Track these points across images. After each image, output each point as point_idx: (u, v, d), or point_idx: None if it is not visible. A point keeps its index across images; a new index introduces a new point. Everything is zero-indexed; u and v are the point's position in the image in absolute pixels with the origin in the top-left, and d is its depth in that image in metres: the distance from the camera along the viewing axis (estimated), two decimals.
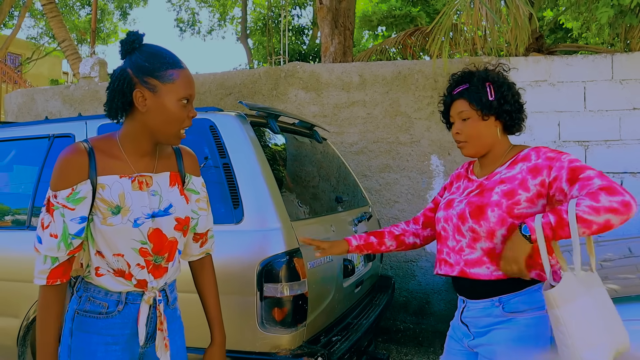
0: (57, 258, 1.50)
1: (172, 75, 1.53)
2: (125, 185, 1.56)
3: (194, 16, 21.69)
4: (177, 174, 1.70)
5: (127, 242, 1.56)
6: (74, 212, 1.50)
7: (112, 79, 1.56)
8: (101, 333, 1.58)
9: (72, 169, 1.50)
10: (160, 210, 1.61)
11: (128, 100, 1.53)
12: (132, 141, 1.59)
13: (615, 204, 1.51)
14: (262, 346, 2.39)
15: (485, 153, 1.86)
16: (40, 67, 22.56)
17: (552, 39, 11.59)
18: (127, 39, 1.56)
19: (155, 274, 1.63)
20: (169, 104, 1.52)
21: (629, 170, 4.50)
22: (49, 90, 6.19)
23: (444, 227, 1.88)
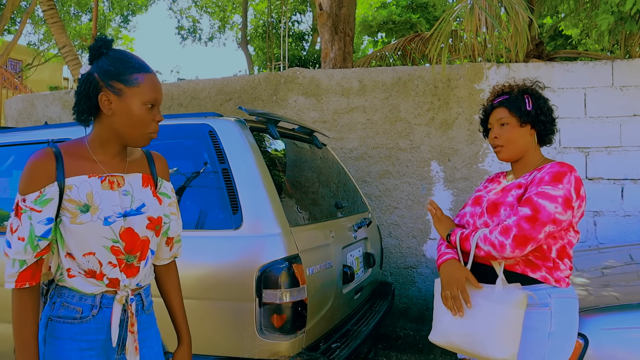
0: (24, 261, 1.51)
1: (137, 79, 1.55)
2: (93, 185, 1.58)
3: (195, 24, 21.76)
4: (149, 176, 1.73)
5: (98, 240, 1.57)
6: (40, 214, 1.51)
7: (79, 83, 1.59)
8: (75, 339, 1.58)
9: (39, 173, 1.52)
10: (132, 209, 1.62)
11: (94, 104, 1.56)
12: (101, 144, 1.62)
13: (496, 242, 1.81)
14: (260, 353, 2.38)
15: (518, 159, 2.03)
16: (41, 73, 22.60)
17: (551, 46, 11.61)
18: (94, 45, 1.59)
19: (128, 273, 1.63)
20: (134, 107, 1.55)
21: (629, 177, 4.50)
22: (49, 96, 6.19)
23: (468, 221, 2.06)
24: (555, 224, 1.80)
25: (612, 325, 2.08)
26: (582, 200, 1.87)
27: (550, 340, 1.83)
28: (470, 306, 1.87)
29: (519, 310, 1.79)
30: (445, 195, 4.85)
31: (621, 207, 4.51)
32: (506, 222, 1.83)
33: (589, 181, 4.58)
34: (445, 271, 1.97)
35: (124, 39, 23.17)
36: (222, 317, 2.40)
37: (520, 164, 2.04)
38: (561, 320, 1.86)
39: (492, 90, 2.12)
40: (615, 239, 4.51)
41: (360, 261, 3.36)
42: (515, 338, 1.79)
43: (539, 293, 1.87)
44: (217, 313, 2.41)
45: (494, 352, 1.80)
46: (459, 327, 1.90)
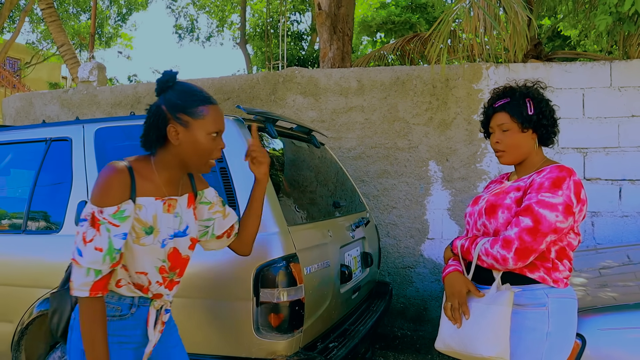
0: (100, 271, 1.58)
1: (203, 111, 1.66)
2: (157, 207, 1.68)
3: (193, 23, 21.74)
4: (192, 194, 1.85)
5: (152, 262, 1.70)
6: (118, 229, 1.59)
7: (148, 114, 1.70)
8: (115, 334, 1.68)
9: (117, 188, 1.61)
10: (179, 231, 1.75)
11: (162, 134, 1.66)
12: (165, 168, 1.72)
13: (498, 256, 1.83)
14: (258, 352, 2.37)
15: (520, 162, 2.02)
16: (40, 72, 22.57)
17: (550, 47, 11.63)
18: (162, 79, 1.70)
19: (170, 287, 1.79)
20: (200, 137, 1.66)
21: (627, 178, 4.50)
22: (47, 95, 6.18)
23: (468, 222, 2.09)
24: (556, 232, 1.81)
25: (610, 326, 2.08)
26: (583, 204, 1.87)
27: (548, 340, 1.83)
28: (469, 317, 1.90)
29: (505, 307, 1.81)
30: (443, 195, 4.85)
31: (619, 207, 4.52)
32: (507, 235, 1.83)
33: (587, 182, 4.58)
34: (449, 284, 1.99)
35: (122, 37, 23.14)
36: (219, 316, 2.40)
37: (523, 166, 2.03)
38: (559, 321, 1.86)
39: (492, 92, 2.10)
40: (613, 239, 4.51)
41: (358, 261, 3.35)
42: (502, 336, 1.80)
43: (536, 293, 1.87)
44: (214, 312, 2.40)
45: (480, 350, 1.82)
46: (454, 330, 1.94)
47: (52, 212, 2.94)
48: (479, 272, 1.96)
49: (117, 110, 5.73)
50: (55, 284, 2.68)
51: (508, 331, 1.81)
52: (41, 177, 3.01)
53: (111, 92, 5.81)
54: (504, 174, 2.20)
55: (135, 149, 2.87)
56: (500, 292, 1.86)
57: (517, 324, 1.84)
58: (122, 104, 5.73)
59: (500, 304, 1.82)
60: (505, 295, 1.83)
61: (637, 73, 4.51)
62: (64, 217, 2.82)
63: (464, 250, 1.99)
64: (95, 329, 1.60)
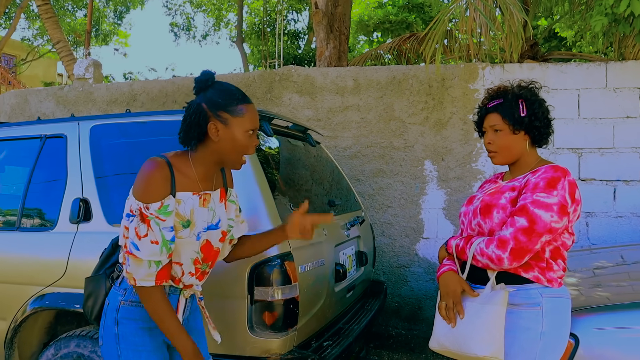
0: (160, 261, 1.69)
1: (242, 110, 1.76)
2: (195, 202, 1.78)
3: (189, 21, 21.68)
4: (224, 189, 1.94)
5: (188, 254, 1.79)
6: (165, 223, 1.69)
7: (189, 112, 1.78)
8: (145, 320, 1.78)
9: (159, 184, 1.70)
10: (212, 224, 1.84)
11: (203, 131, 1.75)
12: (202, 164, 1.81)
13: (494, 256, 1.83)
14: (252, 350, 2.37)
15: (514, 162, 2.03)
16: (35, 69, 22.48)
17: (546, 48, 11.65)
18: (201, 78, 1.78)
19: (200, 278, 1.89)
20: (239, 134, 1.75)
21: (622, 179, 4.52)
22: (43, 92, 6.16)
23: (462, 221, 2.10)
24: (551, 232, 1.82)
25: (603, 325, 2.09)
26: (577, 204, 1.88)
27: (542, 340, 1.84)
28: (463, 317, 1.91)
29: (499, 307, 1.81)
30: (438, 195, 4.85)
31: (613, 208, 4.53)
32: (502, 234, 1.83)
33: (581, 182, 4.60)
34: (443, 283, 2.00)
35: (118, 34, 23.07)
36: (213, 314, 2.39)
37: (516, 165, 2.04)
38: (553, 320, 1.87)
39: (486, 92, 2.10)
40: (607, 239, 4.53)
41: (353, 259, 3.36)
42: (497, 336, 1.80)
43: (530, 293, 1.88)
44: (208, 310, 2.40)
45: (475, 349, 1.83)
46: (449, 329, 1.94)
47: (46, 210, 2.93)
48: (473, 272, 1.97)
49: (112, 108, 5.71)
50: (50, 281, 2.70)
51: (502, 331, 1.81)
52: (36, 174, 3.00)
53: (107, 90, 5.79)
54: (498, 173, 2.21)
55: (131, 146, 2.87)
56: (494, 292, 1.86)
57: (512, 323, 1.85)
58: (118, 102, 5.71)
59: (495, 304, 1.83)
60: (500, 295, 1.83)
61: (632, 74, 4.52)
62: (59, 214, 2.81)
63: (458, 250, 2.00)
64: (168, 311, 1.72)
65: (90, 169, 2.82)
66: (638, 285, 2.68)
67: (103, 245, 2.13)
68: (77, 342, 2.59)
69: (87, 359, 2.56)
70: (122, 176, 2.77)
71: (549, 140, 2.06)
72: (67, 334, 2.66)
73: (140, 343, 1.79)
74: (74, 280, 2.62)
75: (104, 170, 2.81)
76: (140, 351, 1.79)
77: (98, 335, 2.58)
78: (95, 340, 2.57)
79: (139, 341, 1.79)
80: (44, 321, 2.89)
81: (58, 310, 2.72)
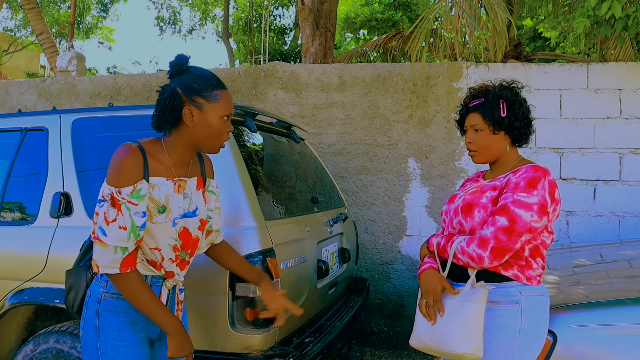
0: (126, 248, 1.67)
1: (217, 95, 1.75)
2: (169, 188, 1.77)
3: (175, 15, 21.50)
4: (201, 178, 1.93)
5: (165, 239, 1.78)
6: (137, 207, 1.68)
7: (163, 96, 1.76)
8: (128, 312, 1.78)
9: (131, 168, 1.69)
10: (189, 211, 1.83)
11: (177, 116, 1.74)
12: (176, 150, 1.80)
13: (474, 254, 1.85)
14: (233, 347, 2.37)
15: (495, 161, 2.05)
16: (17, 60, 22.14)
17: (531, 47, 11.76)
18: (176, 62, 1.76)
19: (181, 267, 1.88)
20: (213, 120, 1.74)
21: (601, 178, 4.58)
22: (24, 83, 6.07)
23: (444, 219, 2.11)
24: (531, 232, 1.84)
25: (581, 323, 2.12)
26: (557, 204, 1.90)
27: (520, 337, 1.86)
28: (443, 314, 1.92)
29: (479, 305, 1.83)
30: (421, 192, 4.88)
31: (593, 207, 4.60)
32: (483, 234, 1.85)
33: (562, 181, 4.65)
34: (424, 281, 2.02)
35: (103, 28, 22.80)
36: (194, 310, 2.39)
37: (497, 164, 2.06)
38: (532, 317, 1.89)
39: (468, 91, 2.12)
40: (586, 238, 4.59)
41: (336, 256, 3.36)
42: (476, 333, 1.82)
43: (509, 290, 1.90)
44: (189, 306, 2.39)
45: (454, 346, 1.85)
46: (429, 327, 1.96)
47: (26, 203, 2.90)
48: (454, 270, 1.98)
49: (96, 101, 5.65)
50: (29, 276, 2.66)
51: (482, 328, 1.83)
52: (16, 167, 2.96)
53: (90, 83, 5.73)
54: (479, 172, 2.22)
55: (113, 140, 2.84)
56: (474, 290, 1.88)
57: (491, 321, 1.87)
58: (101, 95, 5.66)
59: (474, 301, 1.85)
60: (480, 293, 1.85)
61: (613, 76, 4.58)
62: (39, 208, 2.78)
63: (439, 248, 2.01)
64: (141, 298, 1.70)
65: (72, 162, 2.79)
66: (616, 283, 2.72)
67: (84, 240, 2.11)
68: (57, 338, 2.56)
69: (66, 354, 2.53)
70: (104, 170, 2.73)
71: (529, 140, 2.08)
72: (46, 329, 2.63)
73: (119, 337, 1.77)
74: (53, 275, 2.59)
75: (86, 164, 2.78)
76: (118, 346, 1.77)
77: (78, 330, 2.57)
78: (75, 336, 2.54)
79: (118, 335, 1.77)
80: (23, 316, 2.86)
81: (37, 305, 2.70)
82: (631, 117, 4.54)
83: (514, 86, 2.08)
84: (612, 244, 3.74)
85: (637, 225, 4.50)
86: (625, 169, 4.55)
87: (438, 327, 1.92)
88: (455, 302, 1.91)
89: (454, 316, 1.89)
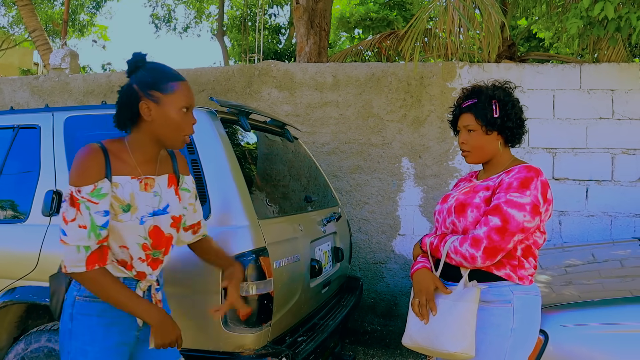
0: (89, 247, 1.64)
1: (173, 87, 1.72)
2: (134, 186, 1.74)
3: (170, 12, 21.43)
4: (173, 175, 1.89)
5: (133, 238, 1.74)
6: (98, 206, 1.64)
7: (120, 94, 1.75)
8: (102, 315, 1.74)
9: (92, 167, 1.66)
10: (159, 209, 1.80)
11: (135, 112, 1.71)
12: (140, 147, 1.77)
13: (467, 254, 1.86)
14: (225, 346, 2.37)
15: (487, 161, 2.05)
16: (10, 57, 22.02)
17: (525, 48, 11.80)
18: (132, 60, 1.75)
19: (153, 267, 1.83)
20: (172, 112, 1.71)
21: (594, 178, 4.60)
22: (17, 81, 6.04)
23: (437, 219, 2.11)
24: (523, 232, 1.85)
25: (572, 322, 2.13)
26: (549, 204, 1.91)
27: (512, 336, 1.87)
28: (436, 314, 1.93)
29: (471, 304, 1.84)
30: (415, 192, 4.89)
31: (585, 207, 4.62)
32: (476, 233, 1.85)
33: (555, 181, 4.67)
34: (417, 280, 2.02)
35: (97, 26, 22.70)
36: (187, 309, 2.38)
37: (490, 165, 2.07)
38: (523, 317, 1.90)
39: (461, 92, 2.12)
40: (579, 238, 4.61)
41: (329, 255, 3.37)
42: (468, 332, 1.83)
43: (502, 290, 1.90)
44: (182, 305, 2.39)
45: (446, 345, 1.85)
46: (421, 326, 1.96)
47: (18, 201, 2.88)
48: (447, 269, 1.99)
49: (89, 99, 5.63)
50: (21, 275, 2.66)
51: (474, 327, 1.84)
52: (8, 165, 2.94)
53: (84, 80, 5.71)
54: (472, 172, 2.23)
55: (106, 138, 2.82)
56: (467, 289, 1.88)
57: (483, 320, 1.88)
58: (95, 93, 5.64)
59: (467, 301, 1.85)
60: (472, 292, 1.86)
61: (605, 76, 4.60)
62: (31, 206, 2.77)
63: (432, 247, 2.02)
64: (112, 292, 1.67)
65: (64, 161, 2.78)
66: (608, 283, 2.74)
67: None
68: (48, 337, 2.55)
69: (58, 353, 2.53)
70: None
71: (522, 140, 2.08)
72: (38, 328, 2.62)
73: (89, 341, 1.73)
74: (45, 273, 2.56)
75: None
76: (87, 350, 1.73)
77: None
78: None
79: (88, 339, 1.73)
80: (15, 315, 2.85)
81: (29, 304, 2.68)
82: (623, 118, 4.56)
83: (506, 86, 2.08)
84: (604, 243, 3.76)
85: (629, 225, 4.53)
86: (617, 169, 4.57)
87: (431, 326, 1.93)
88: (448, 302, 1.91)
89: (447, 315, 1.89)
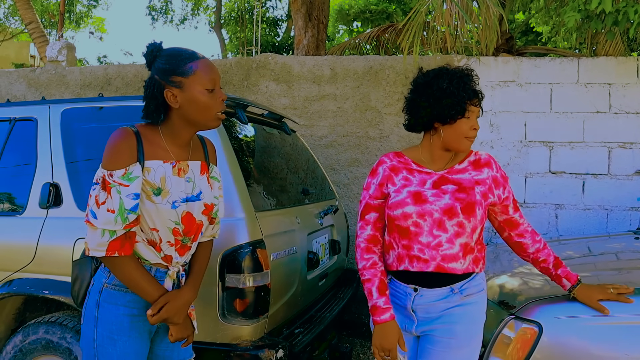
0: (114, 231, 1.63)
1: (192, 67, 1.69)
2: (167, 170, 1.73)
3: (167, 4, 21.32)
4: (205, 163, 1.88)
5: (163, 221, 1.73)
6: (128, 189, 1.64)
7: (145, 88, 1.75)
8: (128, 305, 1.74)
9: (125, 151, 1.66)
10: (192, 195, 1.79)
11: (161, 102, 1.71)
12: (173, 132, 1.77)
13: None
14: (223, 337, 2.38)
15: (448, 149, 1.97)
16: (7, 50, 21.91)
17: (523, 41, 11.78)
18: (147, 51, 1.74)
19: (181, 252, 1.81)
20: (197, 94, 1.69)
21: (590, 172, 4.61)
22: (13, 73, 6.02)
23: (417, 223, 1.85)
24: None
25: (567, 314, 2.13)
26: None
27: (484, 317, 1.99)
28: None
29: None
30: None
31: (582, 200, 4.63)
32: (541, 236, 2.10)
33: (552, 174, 4.68)
34: (382, 335, 1.93)
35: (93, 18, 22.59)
36: None
37: (453, 153, 1.97)
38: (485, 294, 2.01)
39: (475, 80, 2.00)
40: (575, 231, 4.63)
41: (326, 248, 3.38)
42: None
43: (477, 280, 1.95)
44: None
45: None
46: None
47: (15, 194, 2.89)
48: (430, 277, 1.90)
49: (86, 92, 5.62)
50: (18, 267, 2.66)
51: None
52: (4, 157, 2.94)
53: (80, 73, 5.69)
54: (401, 157, 1.99)
55: (103, 131, 2.83)
56: None
57: (473, 310, 1.92)
58: (92, 85, 5.62)
59: None
60: None
61: (602, 70, 4.61)
62: (28, 199, 2.77)
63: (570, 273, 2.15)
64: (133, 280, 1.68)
65: (61, 153, 2.78)
66: (603, 276, 2.75)
67: (73, 231, 2.11)
68: (46, 329, 2.57)
69: (55, 345, 2.54)
70: (94, 161, 2.73)
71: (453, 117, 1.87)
72: (35, 320, 2.63)
73: (117, 330, 1.73)
74: (42, 265, 2.59)
75: (75, 154, 2.77)
76: (115, 339, 1.73)
77: (67, 321, 2.57)
78: (64, 327, 2.54)
79: (115, 328, 1.73)
80: (12, 307, 2.86)
81: (26, 296, 2.69)
82: (620, 112, 4.57)
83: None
84: (600, 237, 3.77)
85: (625, 218, 4.55)
86: (613, 163, 4.59)
87: None
88: None
89: None
